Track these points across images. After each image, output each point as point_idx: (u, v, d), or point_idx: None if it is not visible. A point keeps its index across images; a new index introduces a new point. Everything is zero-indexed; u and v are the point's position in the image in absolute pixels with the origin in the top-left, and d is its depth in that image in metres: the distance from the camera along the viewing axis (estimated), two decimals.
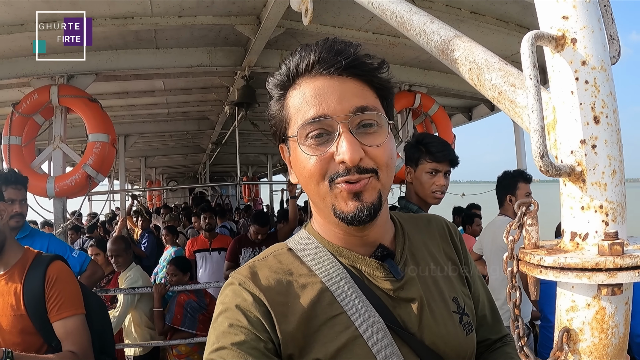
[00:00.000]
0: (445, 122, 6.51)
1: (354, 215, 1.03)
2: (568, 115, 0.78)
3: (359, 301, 1.07)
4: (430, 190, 2.88)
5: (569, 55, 0.79)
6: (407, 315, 1.09)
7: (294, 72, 1.08)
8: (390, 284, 1.11)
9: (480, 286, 1.35)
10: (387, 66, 1.12)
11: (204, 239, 7.12)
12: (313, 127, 1.03)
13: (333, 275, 1.10)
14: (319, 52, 1.05)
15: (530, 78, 0.75)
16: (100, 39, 4.73)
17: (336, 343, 1.02)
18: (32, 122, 5.10)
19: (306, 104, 1.04)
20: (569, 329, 0.78)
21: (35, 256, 2.42)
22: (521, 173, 4.40)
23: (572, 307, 0.78)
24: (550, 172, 0.75)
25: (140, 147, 11.91)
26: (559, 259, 0.73)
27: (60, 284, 2.31)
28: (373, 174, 1.03)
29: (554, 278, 0.75)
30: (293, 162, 1.12)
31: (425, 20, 1.20)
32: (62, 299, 2.27)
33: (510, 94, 0.90)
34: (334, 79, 1.05)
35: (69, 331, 2.23)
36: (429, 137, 3.14)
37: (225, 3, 4.20)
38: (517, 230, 0.85)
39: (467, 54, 1.03)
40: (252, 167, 20.20)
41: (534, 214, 0.84)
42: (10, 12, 3.90)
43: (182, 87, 7.03)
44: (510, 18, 4.65)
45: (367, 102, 1.05)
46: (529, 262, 0.79)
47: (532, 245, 0.83)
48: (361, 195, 1.03)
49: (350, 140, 1.00)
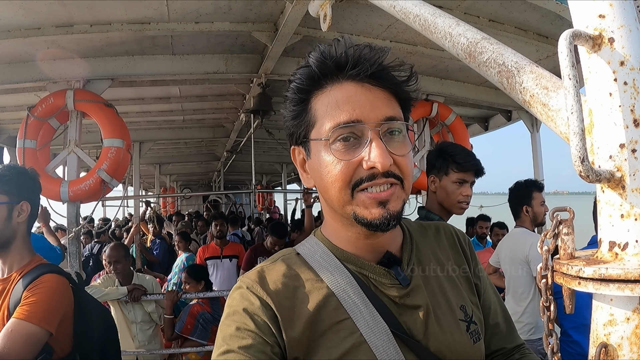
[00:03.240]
0: (462, 131, 6.43)
1: (380, 223, 1.03)
2: (606, 119, 0.75)
3: (365, 307, 1.07)
4: (457, 201, 2.85)
5: (607, 55, 0.75)
6: (412, 323, 1.10)
7: (323, 72, 1.08)
8: (396, 290, 1.12)
9: (492, 294, 1.34)
10: (415, 77, 1.12)
11: (215, 246, 7.17)
12: (343, 131, 1.04)
13: (339, 281, 1.11)
14: (348, 55, 1.05)
15: (570, 78, 0.72)
16: (116, 44, 4.74)
17: (340, 348, 1.03)
18: (47, 126, 5.11)
19: (337, 108, 1.05)
20: (607, 344, 0.74)
21: (36, 265, 2.33)
22: (533, 182, 4.36)
23: (610, 321, 0.74)
24: (590, 178, 0.70)
25: (155, 153, 11.94)
26: (600, 269, 0.69)
27: (36, 291, 2.17)
28: (399, 182, 1.05)
29: (594, 290, 0.70)
30: (313, 165, 1.12)
31: (451, 23, 1.18)
32: (29, 301, 2.13)
33: (543, 97, 0.86)
34: (364, 87, 1.06)
35: (9, 330, 2.06)
36: (453, 146, 3.12)
37: (242, 9, 4.17)
38: (551, 240, 0.81)
39: (496, 56, 0.99)
40: (267, 176, 20.23)
41: (570, 222, 0.80)
42: (27, 15, 3.90)
43: (198, 94, 7.02)
44: (529, 27, 4.60)
45: (395, 113, 1.07)
46: (566, 274, 0.75)
47: (568, 256, 0.79)
48: (387, 203, 1.03)
49: (381, 147, 1.02)
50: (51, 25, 4.14)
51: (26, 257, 2.35)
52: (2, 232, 2.27)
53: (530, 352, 1.32)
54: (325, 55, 1.07)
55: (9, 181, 2.32)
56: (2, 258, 2.32)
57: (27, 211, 2.37)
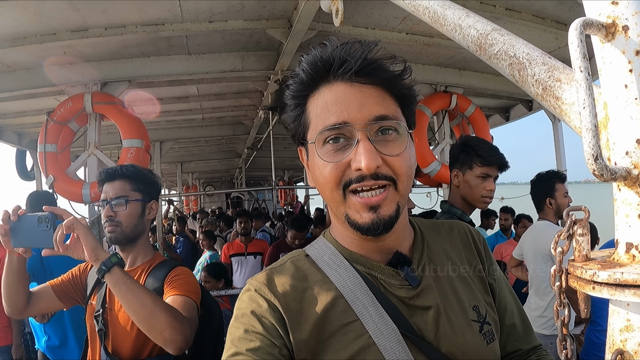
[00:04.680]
0: (482, 123, 6.34)
1: (369, 227, 1.02)
2: (622, 112, 0.70)
3: (374, 309, 1.06)
4: (480, 195, 2.84)
5: (621, 45, 0.70)
6: (423, 324, 1.08)
7: (313, 76, 1.07)
8: (406, 291, 1.11)
9: (508, 294, 1.31)
10: (409, 72, 1.09)
11: (240, 243, 7.20)
12: (331, 133, 1.04)
13: (348, 283, 1.10)
14: (334, 55, 1.04)
15: (581, 70, 0.67)
16: (132, 46, 4.76)
17: (349, 350, 1.02)
18: (67, 129, 5.17)
19: (327, 110, 1.04)
20: (623, 351, 0.69)
21: (163, 260, 2.47)
22: (556, 173, 4.27)
23: (626, 327, 0.69)
24: (605, 177, 0.66)
25: (177, 152, 12.00)
26: (615, 274, 0.65)
27: (181, 276, 2.30)
28: (390, 182, 1.02)
29: (609, 296, 0.66)
30: (310, 166, 1.12)
31: (461, 15, 1.13)
32: (179, 282, 2.25)
33: (556, 89, 0.81)
34: (354, 87, 1.04)
35: (178, 302, 2.13)
36: (476, 140, 3.11)
37: (255, 7, 4.16)
38: (566, 241, 0.77)
39: (507, 47, 0.95)
40: (288, 172, 20.21)
41: (585, 222, 0.75)
42: (42, 21, 3.93)
43: (216, 92, 7.02)
44: (546, 14, 4.49)
45: (387, 111, 1.04)
46: (580, 277, 0.71)
47: (583, 258, 0.75)
48: (378, 208, 1.01)
49: (367, 148, 1.00)
50: (66, 30, 4.17)
51: (149, 253, 2.48)
52: (135, 227, 2.39)
53: (547, 354, 1.28)
54: (316, 57, 1.07)
55: (143, 180, 2.46)
56: (127, 252, 2.43)
57: (156, 210, 2.52)
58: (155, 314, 1.92)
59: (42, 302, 2.37)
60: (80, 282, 2.47)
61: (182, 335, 1.94)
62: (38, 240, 2.00)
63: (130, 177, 2.41)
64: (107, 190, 2.37)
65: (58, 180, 4.95)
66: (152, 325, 1.93)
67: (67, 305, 2.45)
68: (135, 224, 2.38)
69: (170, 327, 1.91)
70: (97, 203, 2.47)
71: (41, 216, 1.98)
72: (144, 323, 1.94)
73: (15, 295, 2.24)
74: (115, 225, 2.33)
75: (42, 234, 1.98)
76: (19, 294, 2.25)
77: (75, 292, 2.46)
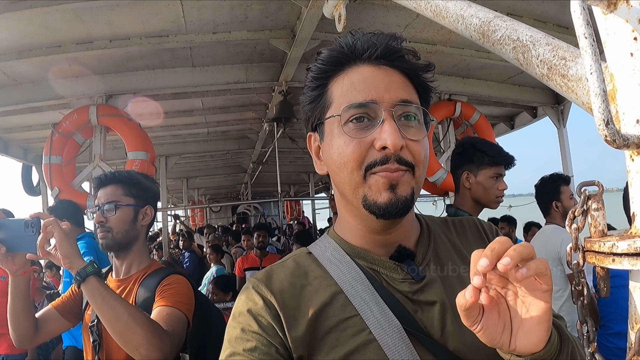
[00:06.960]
0: (487, 130, 6.31)
1: (387, 207, 1.00)
2: (629, 80, 0.69)
3: (375, 304, 1.03)
4: (495, 196, 2.81)
5: (624, 14, 0.69)
6: (429, 320, 1.05)
7: (338, 58, 1.09)
8: (409, 285, 1.08)
9: None
10: (433, 68, 1.13)
11: (255, 257, 7.25)
12: (357, 111, 1.02)
13: (348, 278, 1.08)
14: (366, 39, 1.07)
15: (585, 37, 0.66)
16: (137, 58, 4.80)
17: (347, 346, 1.00)
18: (72, 141, 5.21)
19: (354, 89, 1.04)
20: None
21: (158, 267, 2.39)
22: (560, 176, 4.24)
23: None
24: (617, 143, 0.64)
25: (182, 167, 12.03)
26: (635, 243, 0.63)
27: (173, 285, 2.22)
28: (410, 168, 1.01)
29: (630, 266, 0.64)
30: (326, 148, 1.10)
31: (462, 5, 1.14)
32: (170, 292, 2.17)
33: (562, 68, 0.80)
34: (381, 69, 1.06)
35: (163, 315, 2.05)
36: (482, 140, 3.08)
37: (259, 17, 4.18)
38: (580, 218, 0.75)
39: (510, 32, 0.94)
40: (294, 186, 20.19)
41: (599, 197, 0.73)
42: (48, 34, 3.97)
43: (221, 105, 7.05)
44: (548, 18, 4.49)
45: (411, 97, 1.05)
46: (599, 251, 0.69)
47: (600, 233, 0.73)
48: (397, 187, 1.00)
49: (393, 126, 0.99)
50: (71, 43, 4.21)
51: (145, 260, 2.40)
52: (127, 233, 2.32)
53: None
54: (342, 43, 1.09)
55: (136, 185, 2.40)
56: (121, 259, 2.37)
57: (151, 215, 2.44)
58: (131, 328, 1.85)
59: (49, 325, 2.30)
60: (79, 295, 2.41)
61: (159, 352, 1.86)
62: (24, 246, 1.99)
63: (123, 181, 2.37)
64: (100, 195, 2.34)
65: (63, 192, 4.97)
66: (128, 340, 1.86)
67: (74, 322, 2.38)
68: (127, 230, 2.32)
69: (147, 343, 1.84)
70: (91, 209, 2.41)
71: (27, 221, 1.98)
72: (120, 337, 1.87)
73: (24, 322, 2.17)
74: (106, 231, 2.28)
75: (28, 239, 1.97)
76: (28, 320, 2.18)
77: (78, 307, 2.40)
